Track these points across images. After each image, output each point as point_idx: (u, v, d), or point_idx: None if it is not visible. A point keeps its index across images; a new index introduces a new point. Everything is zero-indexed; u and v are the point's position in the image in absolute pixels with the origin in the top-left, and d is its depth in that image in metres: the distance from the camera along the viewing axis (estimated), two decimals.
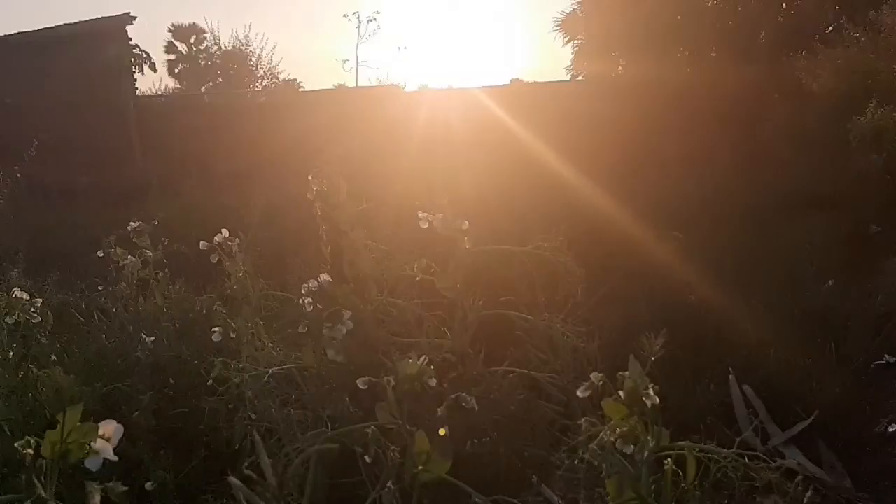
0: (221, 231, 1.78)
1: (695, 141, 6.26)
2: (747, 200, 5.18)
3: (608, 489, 1.04)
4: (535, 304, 1.67)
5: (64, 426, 0.72)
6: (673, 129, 6.66)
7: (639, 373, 1.01)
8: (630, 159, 6.52)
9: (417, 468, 1.02)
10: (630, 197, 5.05)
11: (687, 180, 5.88)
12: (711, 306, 3.26)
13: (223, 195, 6.45)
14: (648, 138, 6.66)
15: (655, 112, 6.94)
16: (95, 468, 0.74)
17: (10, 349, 1.59)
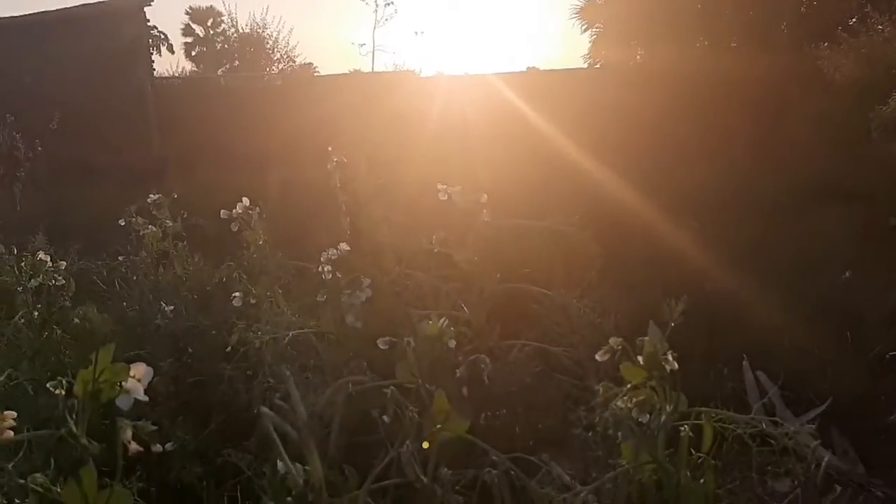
0: (242, 199, 1.80)
1: (713, 130, 6.21)
2: (765, 190, 5.15)
3: (623, 453, 1.05)
4: (552, 279, 1.67)
5: (96, 365, 0.74)
6: (691, 118, 6.61)
7: (659, 338, 1.01)
8: (647, 148, 6.48)
9: (436, 427, 1.03)
10: (646, 185, 5.03)
11: (704, 170, 5.85)
12: (727, 294, 3.26)
13: (239, 177, 6.49)
14: (666, 127, 6.61)
15: (673, 101, 6.88)
16: (126, 407, 0.76)
17: (35, 310, 1.62)
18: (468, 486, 1.12)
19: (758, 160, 5.71)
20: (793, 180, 5.24)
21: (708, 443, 1.08)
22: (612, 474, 1.02)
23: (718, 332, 2.96)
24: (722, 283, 3.40)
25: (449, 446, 1.15)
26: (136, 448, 0.76)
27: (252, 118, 9.99)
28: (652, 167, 5.94)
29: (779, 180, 5.28)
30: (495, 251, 1.70)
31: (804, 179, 5.23)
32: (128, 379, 0.75)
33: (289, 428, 0.87)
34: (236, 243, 2.10)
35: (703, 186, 5.41)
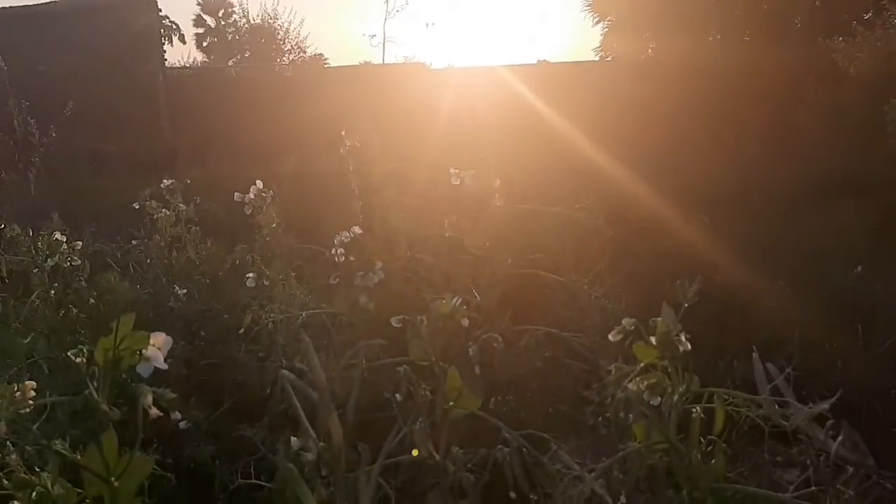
0: (256, 182, 1.81)
1: (725, 124, 6.16)
2: (778, 184, 5.11)
3: (635, 433, 1.05)
4: (563, 264, 1.68)
5: (117, 333, 0.75)
6: (703, 111, 6.56)
7: (672, 318, 1.01)
8: (658, 141, 6.44)
9: (449, 404, 1.04)
10: (657, 178, 5.00)
11: (716, 163, 5.81)
12: (737, 287, 3.25)
13: (249, 167, 6.51)
14: (677, 120, 6.57)
15: (685, 94, 6.84)
16: (147, 374, 0.77)
17: (52, 288, 1.64)
18: (479, 465, 1.13)
19: (771, 154, 5.67)
20: (806, 174, 5.20)
21: (720, 425, 1.08)
22: (623, 453, 1.02)
23: (728, 324, 2.96)
24: (733, 277, 3.39)
25: (459, 425, 1.16)
26: (157, 413, 0.77)
27: (262, 109, 10.01)
28: (663, 161, 5.91)
29: (792, 174, 5.25)
30: (507, 236, 1.71)
31: (817, 173, 5.19)
32: (148, 347, 0.77)
33: (309, 389, 0.88)
34: (248, 230, 2.12)
35: (715, 180, 5.38)
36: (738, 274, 3.41)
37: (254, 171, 6.90)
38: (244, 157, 7.92)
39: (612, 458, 1.03)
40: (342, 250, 1.57)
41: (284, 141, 8.45)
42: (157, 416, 0.76)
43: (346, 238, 1.58)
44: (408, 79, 10.17)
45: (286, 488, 1.15)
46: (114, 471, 0.77)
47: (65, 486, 0.87)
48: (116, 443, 0.77)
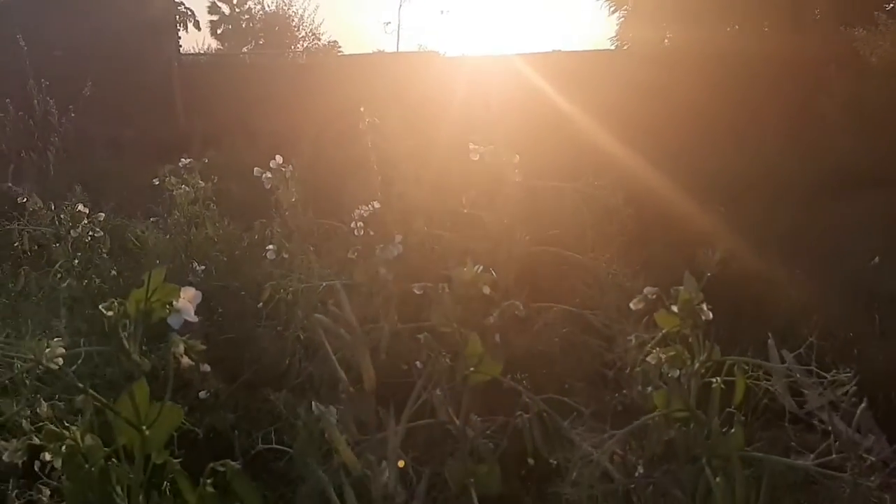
0: (275, 157, 1.82)
1: (742, 114, 6.10)
2: (795, 174, 5.06)
3: (655, 401, 1.05)
4: (582, 242, 1.67)
5: (148, 285, 0.76)
6: (720, 101, 6.50)
7: (694, 286, 1.01)
8: (675, 131, 6.38)
9: (469, 369, 1.05)
10: (673, 168, 4.97)
11: (732, 153, 5.76)
12: (752, 276, 3.23)
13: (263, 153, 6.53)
14: (694, 110, 6.51)
15: (702, 84, 6.77)
16: (177, 326, 0.79)
17: (76, 258, 1.66)
18: (497, 432, 1.14)
19: (789, 144, 5.61)
20: (824, 164, 5.15)
21: (739, 396, 1.08)
22: (643, 419, 1.02)
23: (744, 312, 2.95)
24: (749, 266, 3.37)
25: (478, 394, 1.16)
26: (188, 362, 0.78)
27: (276, 96, 10.03)
28: (679, 151, 5.86)
29: (810, 164, 5.19)
30: (525, 213, 1.70)
31: (836, 163, 5.14)
32: (179, 298, 0.78)
33: (342, 331, 0.89)
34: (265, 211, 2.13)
35: (732, 170, 5.34)
36: (753, 263, 3.39)
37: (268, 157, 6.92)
38: (258, 144, 7.94)
39: (633, 424, 1.03)
40: (361, 224, 1.57)
41: (298, 128, 8.46)
42: (188, 364, 0.77)
43: (365, 212, 1.59)
44: (421, 67, 10.13)
45: (307, 454, 1.16)
46: (145, 419, 0.79)
47: (94, 438, 0.89)
48: (147, 391, 0.79)
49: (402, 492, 0.96)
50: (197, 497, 0.81)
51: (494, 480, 1.04)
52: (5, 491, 0.94)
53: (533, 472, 1.17)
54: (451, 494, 1.05)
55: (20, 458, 0.86)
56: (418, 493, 0.91)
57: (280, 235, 1.65)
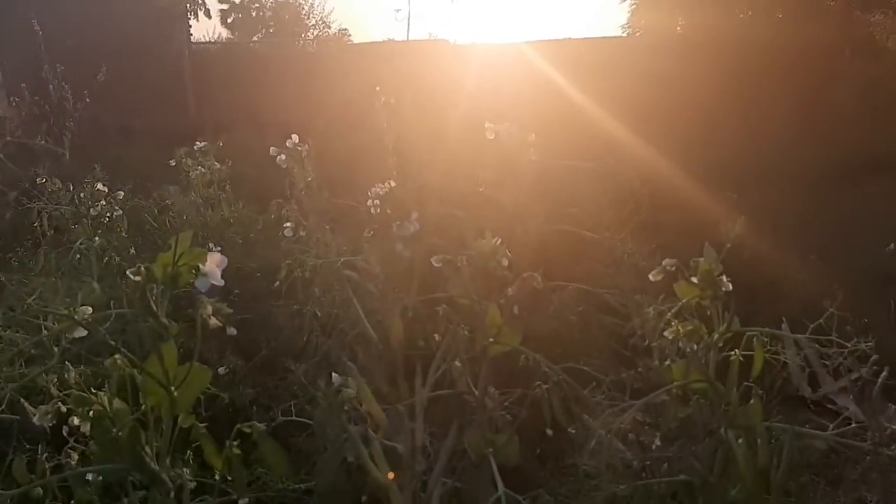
0: (291, 137, 1.82)
1: (755, 101, 6.05)
2: (808, 161, 5.02)
3: (674, 373, 1.06)
4: (598, 221, 1.67)
5: (176, 249, 0.77)
6: (733, 88, 6.44)
7: (714, 257, 1.01)
8: (687, 119, 6.35)
9: (489, 340, 1.05)
10: (685, 156, 4.94)
11: (745, 140, 5.72)
12: (765, 262, 3.21)
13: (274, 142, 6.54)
14: (707, 98, 6.46)
15: (715, 71, 6.71)
16: (204, 289, 0.80)
17: (96, 236, 1.68)
18: (515, 403, 1.15)
19: (801, 131, 5.56)
20: (837, 151, 5.11)
21: (758, 367, 1.09)
22: (663, 389, 1.03)
23: (758, 298, 2.94)
24: (761, 252, 3.35)
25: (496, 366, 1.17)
26: (217, 323, 0.79)
27: (286, 85, 10.04)
28: (691, 138, 5.83)
29: (823, 151, 5.15)
30: (541, 192, 1.70)
31: (849, 150, 5.09)
32: (206, 262, 0.79)
33: (370, 285, 0.90)
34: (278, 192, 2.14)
35: (744, 157, 5.31)
36: (766, 249, 3.37)
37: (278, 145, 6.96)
38: (268, 132, 7.97)
39: (652, 394, 1.04)
40: (377, 202, 1.58)
41: (308, 117, 8.47)
42: (216, 326, 0.79)
43: (381, 190, 1.59)
44: (432, 55, 10.09)
45: (328, 426, 1.18)
46: (174, 380, 0.80)
47: (121, 403, 0.91)
48: (176, 352, 0.80)
49: (423, 461, 0.97)
50: (223, 460, 0.83)
51: (513, 451, 1.05)
52: (35, 456, 0.96)
53: (551, 444, 1.18)
54: (470, 464, 1.06)
55: (50, 421, 0.88)
56: (440, 460, 0.91)
57: (297, 213, 1.66)
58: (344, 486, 1.18)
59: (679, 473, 1.09)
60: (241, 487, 0.87)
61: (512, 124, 1.83)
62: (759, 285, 3.01)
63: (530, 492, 1.07)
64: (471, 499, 0.94)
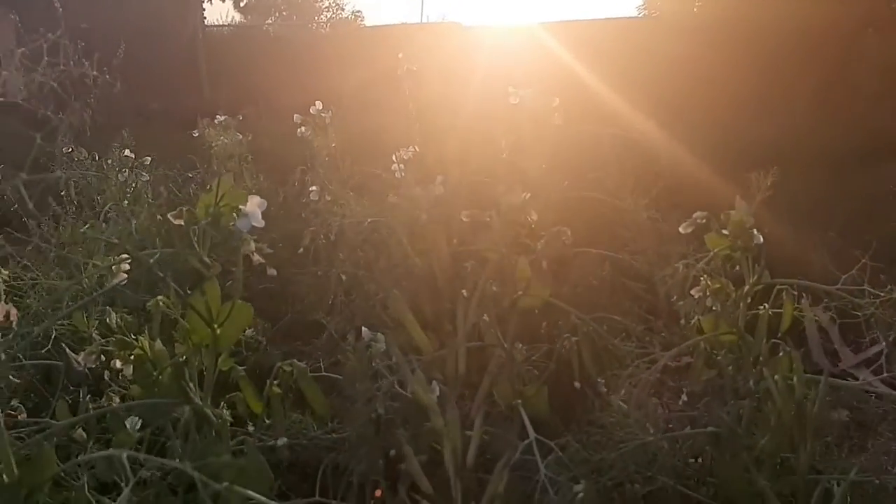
0: (315, 104, 1.83)
1: (775, 81, 5.97)
2: (827, 142, 4.96)
3: (703, 325, 1.06)
4: (622, 187, 1.67)
5: (218, 190, 0.79)
6: (751, 69, 6.36)
7: (745, 210, 1.01)
8: (705, 100, 6.27)
9: (517, 294, 1.06)
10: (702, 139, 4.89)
11: (764, 122, 5.65)
12: (785, 238, 3.19)
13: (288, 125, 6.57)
14: (724, 78, 6.39)
15: (733, 52, 6.62)
16: (246, 229, 0.81)
17: (125, 199, 1.70)
18: (543, 357, 1.16)
19: (822, 111, 5.49)
20: (858, 132, 5.04)
21: (787, 322, 1.09)
22: (693, 340, 1.04)
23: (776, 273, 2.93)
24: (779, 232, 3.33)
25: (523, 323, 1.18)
26: (259, 259, 0.81)
27: (300, 68, 10.03)
28: (707, 121, 5.77)
29: (843, 132, 5.09)
30: (564, 158, 1.70)
31: (871, 131, 5.03)
32: (247, 203, 0.80)
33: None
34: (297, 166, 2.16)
35: (763, 139, 5.25)
36: (784, 228, 3.35)
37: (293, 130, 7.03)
38: (282, 116, 7.99)
39: (682, 345, 1.04)
40: (402, 167, 1.59)
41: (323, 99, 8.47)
42: (259, 262, 0.80)
43: (406, 155, 1.60)
44: (445, 38, 10.02)
45: (357, 378, 1.19)
46: (217, 317, 0.82)
47: (160, 346, 0.93)
48: (219, 290, 0.82)
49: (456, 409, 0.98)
50: (265, 399, 0.85)
51: (542, 402, 1.06)
52: (77, 399, 0.99)
53: (579, 400, 1.19)
54: (500, 416, 1.07)
55: (94, 361, 0.90)
56: (476, 407, 0.93)
57: (321, 179, 1.68)
58: (373, 440, 1.20)
59: (706, 427, 1.09)
60: (281, 426, 0.89)
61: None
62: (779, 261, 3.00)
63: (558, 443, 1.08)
64: (499, 450, 0.95)
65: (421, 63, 4.88)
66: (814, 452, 0.94)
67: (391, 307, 0.96)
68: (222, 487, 0.72)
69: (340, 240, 1.59)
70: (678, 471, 1.14)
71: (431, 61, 5.26)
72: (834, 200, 4.04)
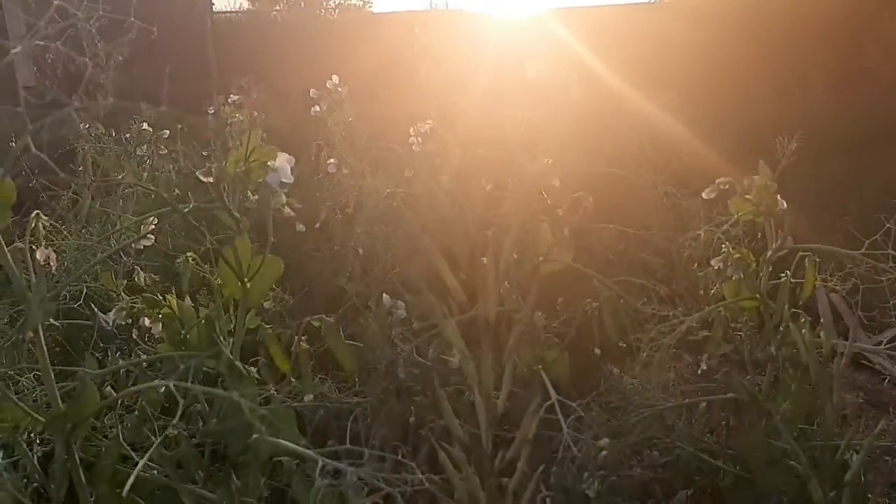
0: (332, 77, 1.84)
1: (790, 66, 5.92)
2: (842, 127, 4.92)
3: (724, 292, 1.06)
4: (640, 162, 1.67)
5: (247, 146, 0.80)
6: (765, 55, 6.30)
7: (769, 174, 1.01)
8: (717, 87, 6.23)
9: (539, 259, 1.07)
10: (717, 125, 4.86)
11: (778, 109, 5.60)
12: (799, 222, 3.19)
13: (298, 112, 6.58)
14: (738, 64, 6.33)
15: (747, 36, 6.56)
16: (275, 184, 0.82)
17: (144, 171, 1.72)
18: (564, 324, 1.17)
19: (838, 97, 5.44)
20: (876, 117, 4.99)
21: (809, 288, 1.09)
22: (715, 306, 1.04)
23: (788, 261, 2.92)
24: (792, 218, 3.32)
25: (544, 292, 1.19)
26: (290, 212, 0.82)
27: (309, 55, 10.00)
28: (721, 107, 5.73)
29: (860, 117, 5.04)
30: (581, 133, 1.70)
31: (888, 116, 4.98)
32: (276, 158, 0.81)
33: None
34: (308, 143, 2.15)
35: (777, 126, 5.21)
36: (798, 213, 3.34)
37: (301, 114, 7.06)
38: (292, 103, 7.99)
39: (705, 310, 1.05)
40: (420, 139, 1.59)
41: None
42: (290, 215, 0.81)
43: (424, 129, 1.60)
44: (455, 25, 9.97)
45: (377, 344, 1.20)
46: (248, 271, 0.83)
47: (188, 305, 0.94)
48: (249, 245, 0.83)
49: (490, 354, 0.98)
50: (293, 356, 0.86)
51: (563, 367, 1.07)
52: (105, 356, 1.00)
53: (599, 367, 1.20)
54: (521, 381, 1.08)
55: (123, 318, 0.92)
56: (507, 354, 0.93)
57: (338, 153, 1.68)
58: (393, 405, 1.21)
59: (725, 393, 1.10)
60: (308, 382, 0.90)
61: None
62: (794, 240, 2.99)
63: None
64: (523, 409, 0.96)
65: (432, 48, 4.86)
66: (835, 417, 0.95)
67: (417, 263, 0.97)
68: (254, 438, 0.73)
69: (358, 213, 1.60)
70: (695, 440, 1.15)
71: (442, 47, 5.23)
72: (849, 186, 4.02)
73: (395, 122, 2.26)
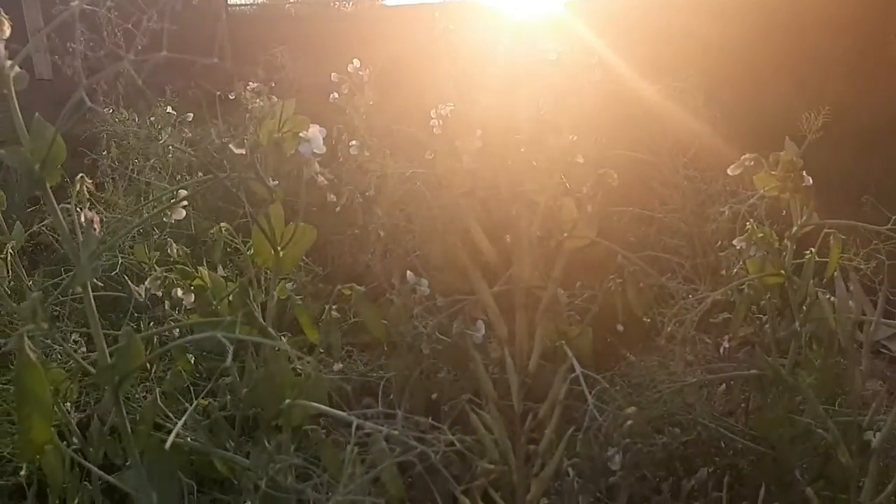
0: (353, 62, 1.85)
1: (809, 57, 5.85)
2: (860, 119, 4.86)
3: (748, 268, 1.07)
4: (661, 146, 1.67)
5: (281, 116, 0.81)
6: (783, 46, 6.22)
7: (795, 150, 1.01)
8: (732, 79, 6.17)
9: (563, 235, 1.07)
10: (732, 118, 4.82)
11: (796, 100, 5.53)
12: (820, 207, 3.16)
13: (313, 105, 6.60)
14: (754, 55, 6.26)
15: (764, 26, 6.48)
16: (308, 154, 0.83)
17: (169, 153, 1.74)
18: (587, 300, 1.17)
19: (860, 87, 5.37)
20: (892, 106, 4.92)
21: (833, 265, 1.09)
22: (741, 280, 1.04)
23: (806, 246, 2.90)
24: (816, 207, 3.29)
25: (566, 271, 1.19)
26: (324, 181, 0.83)
27: (322, 47, 10.02)
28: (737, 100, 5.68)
29: (876, 107, 4.97)
30: (601, 115, 1.70)
31: None
32: (308, 129, 0.82)
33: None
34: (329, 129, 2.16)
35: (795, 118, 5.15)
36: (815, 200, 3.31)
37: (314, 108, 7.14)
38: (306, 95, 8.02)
39: (729, 285, 1.05)
40: (440, 122, 1.60)
41: None
42: (324, 183, 0.82)
43: (445, 111, 1.61)
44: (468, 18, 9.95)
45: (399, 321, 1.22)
46: (281, 240, 0.85)
47: (218, 277, 0.96)
48: (282, 213, 0.84)
49: None
50: (323, 324, 0.87)
51: (586, 342, 1.08)
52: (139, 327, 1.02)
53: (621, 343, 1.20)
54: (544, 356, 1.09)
55: (158, 288, 0.94)
56: (539, 316, 0.94)
57: (360, 134, 1.70)
58: (417, 382, 1.23)
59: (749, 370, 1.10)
60: (338, 351, 0.92)
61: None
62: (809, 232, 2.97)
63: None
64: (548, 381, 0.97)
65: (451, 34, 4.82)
66: (862, 384, 0.95)
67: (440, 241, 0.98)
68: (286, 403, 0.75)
69: (379, 195, 1.61)
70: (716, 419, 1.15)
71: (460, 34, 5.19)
72: (865, 174, 3.98)
73: (413, 110, 2.27)
